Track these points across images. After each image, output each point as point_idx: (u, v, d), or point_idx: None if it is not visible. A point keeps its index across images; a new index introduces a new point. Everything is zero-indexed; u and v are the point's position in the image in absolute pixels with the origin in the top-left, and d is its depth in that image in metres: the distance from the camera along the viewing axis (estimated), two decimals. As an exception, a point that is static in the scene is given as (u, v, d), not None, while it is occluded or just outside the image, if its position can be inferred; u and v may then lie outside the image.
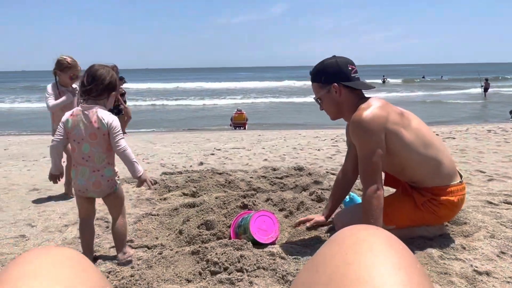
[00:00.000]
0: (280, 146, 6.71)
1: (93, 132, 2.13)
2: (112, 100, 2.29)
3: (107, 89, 2.21)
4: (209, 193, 3.55)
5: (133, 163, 2.19)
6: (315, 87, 2.24)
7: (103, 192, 2.23)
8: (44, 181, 4.45)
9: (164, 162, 5.42)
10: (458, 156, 5.08)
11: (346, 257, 0.52)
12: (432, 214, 2.21)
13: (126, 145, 2.17)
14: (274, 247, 2.28)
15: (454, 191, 2.19)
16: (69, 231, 2.85)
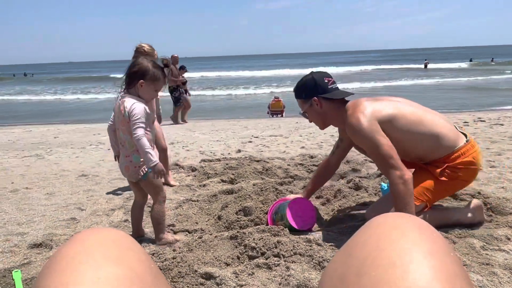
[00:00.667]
0: (318, 133, 6.65)
1: (121, 120, 2.26)
2: (147, 89, 2.27)
3: (135, 77, 2.25)
4: (247, 180, 3.60)
5: (146, 153, 2.16)
6: (299, 103, 2.45)
7: (132, 176, 2.35)
8: (91, 167, 4.70)
9: (203, 150, 5.54)
10: (506, 143, 4.83)
11: (378, 243, 0.53)
12: (455, 179, 2.25)
13: (141, 134, 2.16)
14: (311, 234, 2.30)
15: (464, 152, 2.24)
16: (115, 214, 3.00)
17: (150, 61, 2.31)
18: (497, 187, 3.10)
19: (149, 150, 2.17)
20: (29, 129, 9.11)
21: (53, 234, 2.64)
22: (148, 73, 2.25)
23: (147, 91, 2.28)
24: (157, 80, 2.29)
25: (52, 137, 7.60)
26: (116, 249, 0.55)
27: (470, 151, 2.26)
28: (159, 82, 2.31)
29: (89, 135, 7.76)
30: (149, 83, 2.27)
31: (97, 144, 6.45)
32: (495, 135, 5.47)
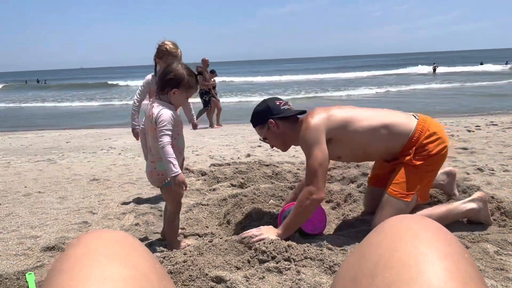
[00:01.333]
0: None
1: (149, 126, 2.27)
2: (180, 97, 2.26)
3: (169, 85, 2.23)
4: (256, 184, 3.60)
5: (168, 162, 2.13)
6: (258, 131, 2.54)
7: (155, 182, 2.36)
8: (103, 171, 4.74)
9: (212, 154, 5.56)
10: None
11: (392, 244, 0.53)
12: (430, 157, 2.28)
13: (166, 142, 2.14)
14: (322, 238, 2.29)
15: (421, 129, 2.31)
16: (127, 218, 3.03)
17: (185, 68, 2.28)
18: (511, 191, 3.05)
19: (172, 160, 2.13)
20: (42, 134, 9.24)
21: (65, 237, 2.67)
22: (183, 81, 2.24)
23: (179, 98, 2.29)
24: (191, 88, 2.29)
25: (64, 142, 7.70)
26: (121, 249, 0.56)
27: (426, 126, 2.33)
28: (192, 90, 2.32)
29: (100, 140, 7.84)
30: (183, 91, 2.27)
31: (108, 149, 6.52)
32: (508, 139, 5.40)
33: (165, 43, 3.13)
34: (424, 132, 2.31)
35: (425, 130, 2.32)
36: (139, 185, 4.06)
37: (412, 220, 0.57)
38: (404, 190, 2.28)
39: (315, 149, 2.22)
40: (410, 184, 2.28)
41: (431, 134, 2.31)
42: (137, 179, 4.28)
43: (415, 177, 2.30)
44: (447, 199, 2.77)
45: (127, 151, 6.26)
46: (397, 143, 2.34)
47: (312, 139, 2.23)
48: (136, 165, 5.09)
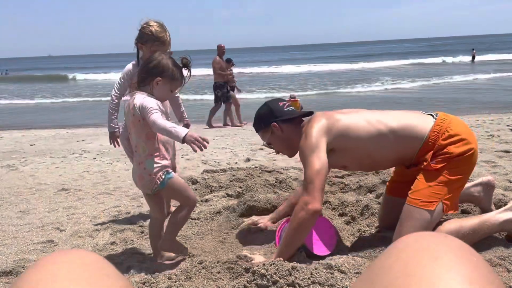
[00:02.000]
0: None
1: (132, 120, 2.32)
2: (163, 87, 2.36)
3: (152, 73, 2.33)
4: (256, 194, 3.60)
5: (170, 131, 2.17)
6: (261, 135, 2.70)
7: (147, 187, 2.38)
8: (73, 180, 4.75)
9: (205, 159, 5.56)
10: None
11: (406, 267, 0.52)
12: (452, 159, 2.30)
13: (157, 117, 2.20)
14: (333, 258, 2.28)
15: (438, 130, 2.35)
16: (101, 236, 3.03)
17: (170, 58, 2.40)
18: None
19: (173, 126, 2.18)
20: (0, 135, 9.26)
21: (25, 259, 2.67)
22: (167, 70, 2.35)
23: (162, 90, 2.38)
24: (175, 79, 2.39)
25: (27, 144, 7.71)
26: (88, 274, 0.55)
27: (444, 126, 2.36)
28: (176, 82, 2.42)
29: (72, 142, 7.86)
30: (166, 82, 2.36)
31: (81, 153, 6.53)
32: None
33: (150, 24, 3.02)
34: (441, 133, 2.35)
35: (443, 131, 2.35)
36: (116, 196, 4.06)
37: (431, 239, 0.56)
38: (425, 197, 2.29)
39: (313, 156, 2.31)
40: (432, 190, 2.30)
41: (451, 135, 2.34)
42: (115, 189, 4.28)
43: (437, 182, 2.31)
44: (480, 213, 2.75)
45: (104, 155, 6.27)
46: (409, 148, 2.40)
47: (309, 147, 2.33)
48: (114, 172, 5.09)
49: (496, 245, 2.38)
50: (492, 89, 15.91)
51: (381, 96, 15.94)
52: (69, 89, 25.66)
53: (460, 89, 16.65)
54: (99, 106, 15.99)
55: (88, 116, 13.49)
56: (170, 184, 2.37)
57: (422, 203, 2.28)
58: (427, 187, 2.30)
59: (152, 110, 2.23)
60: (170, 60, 2.39)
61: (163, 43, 3.02)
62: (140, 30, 3.03)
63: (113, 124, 3.12)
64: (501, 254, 2.24)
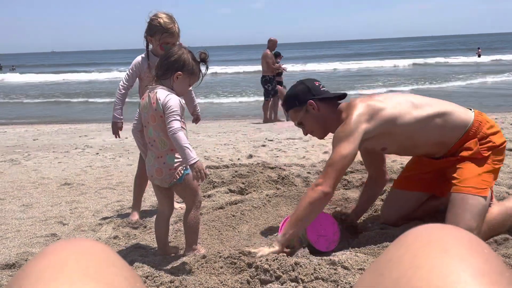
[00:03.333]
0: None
1: (152, 114, 2.32)
2: (182, 82, 2.37)
3: (172, 68, 2.33)
4: (259, 190, 3.60)
5: (183, 148, 2.19)
6: (293, 114, 2.64)
7: (165, 181, 2.39)
8: (76, 175, 4.75)
9: (208, 155, 5.57)
10: None
11: (415, 259, 0.51)
12: (493, 149, 2.42)
13: (178, 127, 2.21)
14: (336, 254, 2.27)
15: (481, 120, 2.45)
16: (103, 230, 3.03)
17: (189, 52, 2.40)
18: None
19: (187, 145, 2.20)
20: (3, 130, 9.28)
21: (28, 252, 2.67)
22: (188, 65, 2.35)
23: (182, 84, 2.39)
24: (194, 74, 2.40)
25: (30, 139, 7.73)
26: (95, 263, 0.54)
27: (484, 118, 2.49)
28: (195, 77, 2.42)
29: (75, 137, 7.87)
30: (186, 76, 2.37)
31: (83, 148, 6.54)
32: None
33: (158, 16, 2.99)
34: (484, 123, 2.46)
35: (484, 121, 2.47)
36: (119, 190, 4.06)
37: (441, 231, 0.56)
38: (478, 184, 2.33)
39: (344, 142, 2.30)
40: (482, 178, 2.36)
41: (492, 125, 2.48)
42: (118, 184, 4.29)
43: (485, 170, 2.38)
44: None
45: (107, 150, 6.27)
46: (453, 135, 2.45)
47: (344, 133, 2.32)
48: (116, 167, 5.10)
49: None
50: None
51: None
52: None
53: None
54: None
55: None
56: (186, 180, 2.38)
57: (476, 190, 2.31)
58: (477, 175, 2.36)
59: (174, 114, 2.23)
60: (190, 54, 2.39)
61: (172, 35, 2.99)
62: (148, 22, 3.01)
63: (117, 114, 3.11)
64: (506, 252, 2.23)
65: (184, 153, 2.21)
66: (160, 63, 2.38)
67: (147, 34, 3.05)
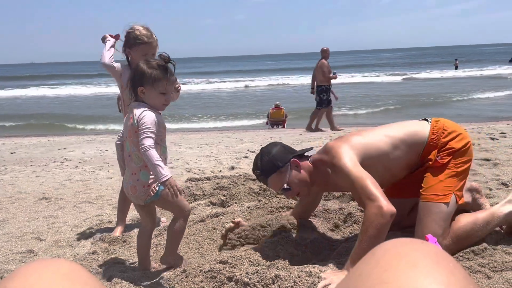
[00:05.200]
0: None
1: (129, 129, 2.30)
2: (151, 94, 2.26)
3: (134, 84, 2.29)
4: (240, 203, 3.59)
5: (155, 166, 2.16)
6: (275, 180, 2.51)
7: (140, 198, 2.34)
8: (54, 189, 4.68)
9: (190, 167, 5.55)
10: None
11: (384, 274, 0.52)
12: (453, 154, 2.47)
13: (149, 145, 2.16)
14: (316, 266, 2.28)
15: (437, 131, 2.52)
16: (82, 245, 2.98)
17: (144, 61, 2.30)
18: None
19: (159, 163, 2.16)
20: (-19, 144, 9.09)
21: (4, 270, 2.61)
22: (144, 75, 2.24)
23: (152, 97, 2.29)
24: (158, 80, 2.25)
25: (7, 152, 7.59)
26: (66, 283, 0.54)
27: (440, 126, 2.55)
28: (161, 82, 2.26)
29: (54, 150, 7.76)
30: (150, 88, 2.26)
31: (62, 161, 6.45)
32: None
33: (135, 28, 2.99)
34: (440, 132, 2.52)
35: (440, 130, 2.53)
36: (99, 204, 4.01)
37: (409, 245, 0.57)
38: (439, 191, 2.40)
39: (354, 166, 2.30)
40: (443, 184, 2.42)
41: (449, 132, 2.52)
42: (97, 198, 4.23)
43: (447, 176, 2.44)
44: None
45: (86, 163, 6.20)
46: (415, 152, 2.52)
47: (347, 160, 2.32)
48: (96, 180, 5.04)
49: (476, 250, 2.41)
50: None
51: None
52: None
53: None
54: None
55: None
56: (164, 195, 2.31)
57: (437, 197, 2.38)
58: (439, 182, 2.42)
59: (147, 131, 2.19)
60: (145, 63, 2.27)
61: (150, 45, 2.97)
62: (125, 36, 3.01)
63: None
64: (481, 261, 2.26)
65: (156, 171, 2.17)
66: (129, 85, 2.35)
67: (125, 48, 3.03)
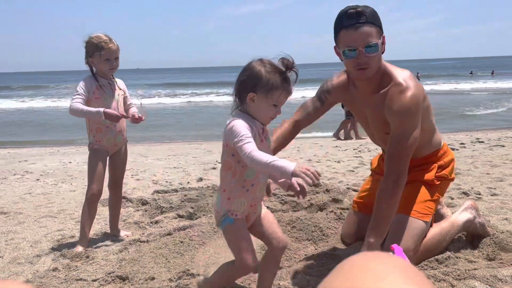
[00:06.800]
0: (293, 157, 6.70)
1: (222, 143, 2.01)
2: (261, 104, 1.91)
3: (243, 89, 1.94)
4: (208, 215, 3.55)
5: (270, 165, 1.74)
6: (372, 32, 2.19)
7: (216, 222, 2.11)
8: (14, 203, 4.50)
9: (156, 179, 5.46)
10: (508, 167, 5.02)
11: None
12: (444, 179, 2.56)
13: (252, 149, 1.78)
14: (282, 277, 2.27)
15: (446, 149, 2.62)
16: (42, 262, 2.87)
17: (265, 62, 1.92)
18: (500, 218, 3.18)
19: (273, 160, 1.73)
20: None
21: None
22: (261, 81, 1.88)
23: (261, 107, 1.92)
24: (274, 89, 1.89)
25: (-35, 165, 7.28)
26: None
27: (448, 148, 2.65)
28: (277, 92, 1.89)
29: (14, 162, 7.51)
30: (262, 96, 1.89)
31: (22, 174, 6.23)
32: (496, 158, 5.69)
33: (91, 36, 2.96)
34: (448, 153, 2.63)
35: (448, 151, 2.65)
36: (60, 219, 3.87)
37: (377, 259, 0.57)
38: (422, 210, 2.45)
39: (416, 126, 2.25)
40: (426, 205, 2.47)
41: (452, 159, 2.64)
42: (59, 212, 4.09)
43: (431, 199, 2.51)
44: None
45: (48, 176, 6.01)
46: (428, 149, 2.55)
47: (416, 112, 2.24)
48: (58, 193, 4.88)
49: (442, 260, 2.45)
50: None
51: None
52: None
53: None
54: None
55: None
56: (227, 230, 1.98)
57: (419, 214, 2.43)
58: (424, 201, 2.47)
59: (243, 137, 1.81)
60: (265, 65, 1.90)
61: (110, 50, 2.95)
62: (85, 46, 2.99)
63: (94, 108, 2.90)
64: (445, 270, 2.31)
65: (277, 168, 1.72)
66: (234, 88, 1.98)
67: (87, 57, 3.00)
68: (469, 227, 2.64)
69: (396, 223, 2.40)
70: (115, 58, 3.02)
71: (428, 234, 2.48)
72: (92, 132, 3.09)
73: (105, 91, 3.05)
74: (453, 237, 2.61)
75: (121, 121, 3.13)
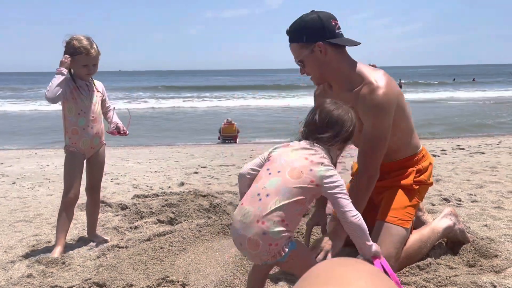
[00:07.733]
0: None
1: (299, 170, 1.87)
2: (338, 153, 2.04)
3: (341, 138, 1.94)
4: (189, 220, 3.52)
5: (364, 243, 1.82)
6: (296, 48, 2.33)
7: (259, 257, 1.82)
8: (-11, 206, 4.39)
9: (137, 183, 5.41)
10: (487, 174, 5.09)
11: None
12: (422, 184, 2.56)
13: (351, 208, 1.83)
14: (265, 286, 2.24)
15: (425, 153, 2.61)
16: (16, 268, 2.79)
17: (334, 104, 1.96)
18: (480, 225, 3.22)
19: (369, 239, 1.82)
20: None
21: None
22: (345, 124, 1.92)
23: (337, 154, 2.03)
24: (352, 134, 1.96)
25: None
26: None
27: (427, 152, 2.65)
28: (352, 135, 1.97)
29: (-10, 165, 7.33)
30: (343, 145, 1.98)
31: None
32: (476, 165, 5.78)
33: (72, 38, 2.90)
34: (426, 157, 2.62)
35: (427, 156, 2.63)
36: (36, 223, 3.79)
37: (345, 266, 0.57)
38: (401, 216, 2.43)
39: (388, 124, 2.27)
40: (406, 211, 2.46)
41: (431, 163, 2.63)
42: (35, 216, 4.00)
43: (411, 204, 2.49)
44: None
45: (25, 179, 5.89)
46: (406, 151, 2.54)
47: (388, 110, 2.25)
48: (35, 197, 4.78)
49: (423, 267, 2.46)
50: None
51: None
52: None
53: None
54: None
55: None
56: (293, 256, 1.79)
57: (400, 221, 2.41)
58: (403, 207, 2.47)
59: (344, 191, 1.81)
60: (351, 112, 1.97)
61: (88, 54, 2.90)
62: (65, 46, 2.93)
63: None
64: (426, 276, 2.32)
65: (365, 248, 1.80)
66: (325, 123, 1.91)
67: None
68: (449, 234, 2.65)
69: (376, 230, 2.40)
70: (93, 64, 2.98)
71: (409, 240, 2.48)
72: (68, 133, 3.03)
73: (81, 93, 3.00)
74: (434, 244, 2.62)
75: (98, 124, 3.09)
